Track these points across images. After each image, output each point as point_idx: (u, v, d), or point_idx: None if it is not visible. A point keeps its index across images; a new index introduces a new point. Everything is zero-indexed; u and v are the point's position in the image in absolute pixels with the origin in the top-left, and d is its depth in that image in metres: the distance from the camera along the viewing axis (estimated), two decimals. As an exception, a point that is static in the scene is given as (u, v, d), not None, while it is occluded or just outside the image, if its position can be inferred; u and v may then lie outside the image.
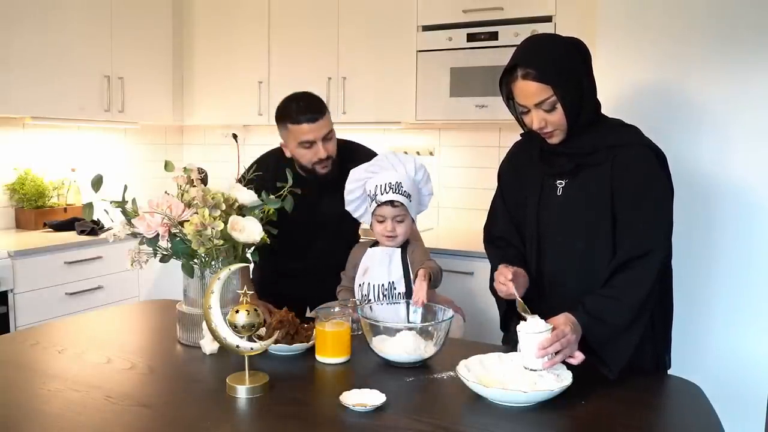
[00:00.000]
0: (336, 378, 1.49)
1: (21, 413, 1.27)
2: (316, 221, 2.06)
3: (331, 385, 1.46)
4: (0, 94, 2.99)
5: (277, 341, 1.53)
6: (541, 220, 1.61)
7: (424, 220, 2.08)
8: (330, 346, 1.54)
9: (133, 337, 1.83)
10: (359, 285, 1.84)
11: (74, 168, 3.62)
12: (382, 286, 1.80)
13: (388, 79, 3.33)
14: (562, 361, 1.38)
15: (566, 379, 1.34)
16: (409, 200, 1.80)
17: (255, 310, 1.37)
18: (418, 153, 3.63)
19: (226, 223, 1.57)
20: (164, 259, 1.64)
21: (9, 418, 1.25)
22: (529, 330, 1.36)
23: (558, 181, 1.59)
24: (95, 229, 3.23)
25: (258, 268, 2.25)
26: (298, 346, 1.58)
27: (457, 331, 1.84)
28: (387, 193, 1.79)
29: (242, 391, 1.34)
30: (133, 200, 1.64)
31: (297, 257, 2.13)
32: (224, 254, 1.61)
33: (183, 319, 1.68)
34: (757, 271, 2.19)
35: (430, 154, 3.65)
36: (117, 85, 3.54)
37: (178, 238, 1.58)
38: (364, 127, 3.50)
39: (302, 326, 1.65)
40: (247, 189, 1.69)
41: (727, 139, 2.20)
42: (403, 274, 1.81)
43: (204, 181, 1.72)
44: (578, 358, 1.38)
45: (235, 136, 4.18)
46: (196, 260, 1.61)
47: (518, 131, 1.68)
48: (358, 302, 1.78)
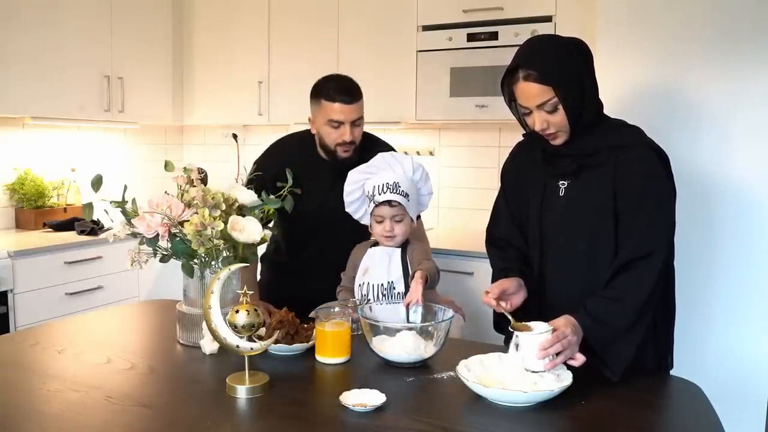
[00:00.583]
0: (336, 378, 1.49)
1: (20, 413, 1.27)
2: (323, 214, 2.06)
3: (331, 385, 1.46)
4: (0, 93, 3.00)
5: (277, 341, 1.53)
6: (544, 221, 1.61)
7: (423, 219, 2.08)
8: (330, 346, 1.54)
9: (133, 337, 1.83)
10: (359, 285, 1.84)
11: (74, 168, 3.62)
12: (382, 285, 1.80)
13: (388, 79, 3.33)
14: (563, 362, 1.37)
15: (566, 379, 1.34)
16: (407, 200, 1.80)
17: (255, 310, 1.37)
18: (418, 153, 3.63)
19: (226, 223, 1.57)
20: (164, 259, 1.64)
21: (8, 418, 1.25)
22: (529, 332, 1.36)
23: (560, 182, 1.59)
24: (95, 229, 3.23)
25: (265, 270, 2.25)
26: (298, 346, 1.58)
27: (456, 330, 1.84)
28: (384, 193, 1.79)
29: (242, 391, 1.34)
30: (133, 200, 1.63)
31: (304, 254, 2.13)
32: (229, 252, 1.61)
33: (183, 319, 1.67)
34: (756, 270, 2.19)
35: (430, 154, 3.65)
36: (117, 85, 3.54)
37: (178, 238, 1.58)
38: (364, 127, 3.48)
39: (302, 326, 1.65)
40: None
41: (727, 138, 2.20)
42: (403, 274, 1.81)
43: (204, 181, 1.73)
44: (579, 359, 1.38)
45: (235, 136, 4.18)
46: (196, 260, 1.61)
47: (519, 131, 1.67)
48: (358, 302, 1.78)
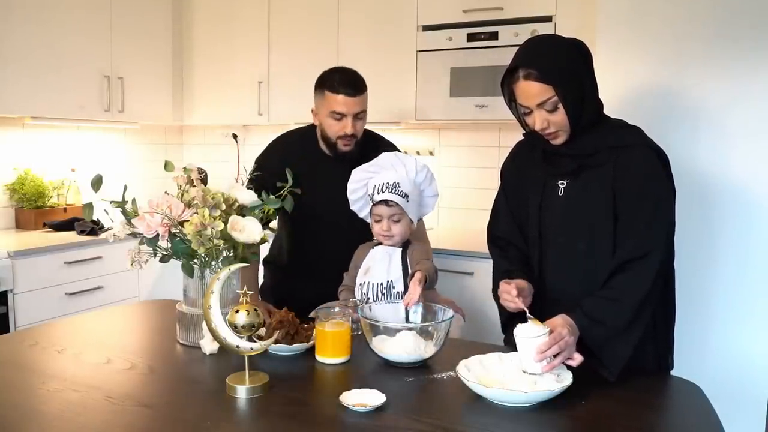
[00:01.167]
0: (336, 378, 1.49)
1: (20, 413, 1.27)
2: (325, 208, 2.06)
3: (331, 385, 1.46)
4: (-1, 93, 3.00)
5: (277, 341, 1.53)
6: (543, 221, 1.61)
7: (423, 219, 2.07)
8: (330, 346, 1.54)
9: (133, 337, 1.83)
10: (359, 284, 1.84)
11: (74, 168, 3.62)
12: (381, 284, 1.80)
13: (388, 79, 3.33)
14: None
15: (566, 379, 1.34)
16: (407, 201, 1.80)
17: (255, 310, 1.37)
18: (418, 153, 3.63)
19: (226, 223, 1.57)
20: (164, 259, 1.64)
21: (7, 418, 1.24)
22: (526, 334, 1.36)
23: (560, 182, 1.59)
24: (95, 229, 3.23)
25: (268, 273, 2.25)
26: (298, 346, 1.58)
27: (456, 330, 1.84)
28: (383, 192, 1.79)
29: (242, 391, 1.34)
30: (133, 200, 1.63)
31: (306, 255, 2.13)
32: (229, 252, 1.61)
33: (183, 319, 1.67)
34: (755, 269, 2.19)
35: (430, 154, 3.65)
36: (117, 85, 3.54)
37: (178, 238, 1.58)
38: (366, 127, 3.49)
39: (302, 326, 1.65)
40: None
41: (725, 138, 2.20)
42: (402, 274, 1.81)
43: (204, 181, 1.73)
44: (577, 360, 1.38)
45: (235, 136, 4.18)
46: (196, 260, 1.61)
47: (519, 131, 1.67)
48: (358, 302, 1.78)
